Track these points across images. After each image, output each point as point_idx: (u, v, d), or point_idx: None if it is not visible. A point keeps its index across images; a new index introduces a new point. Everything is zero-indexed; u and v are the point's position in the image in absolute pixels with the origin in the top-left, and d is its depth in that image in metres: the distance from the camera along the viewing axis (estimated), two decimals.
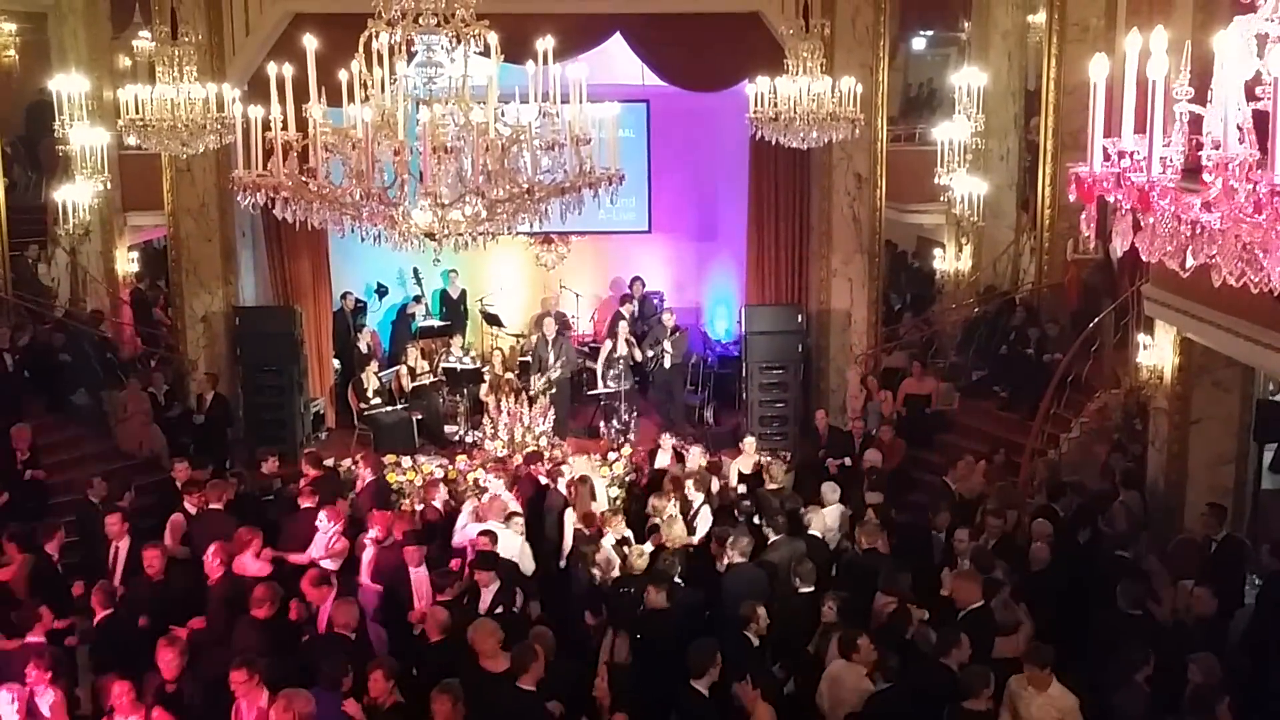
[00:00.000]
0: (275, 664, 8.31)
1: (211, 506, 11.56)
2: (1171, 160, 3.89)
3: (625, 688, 8.26)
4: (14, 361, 15.24)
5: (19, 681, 8.23)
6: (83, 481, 13.04)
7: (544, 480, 12.76)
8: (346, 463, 14.45)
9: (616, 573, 10.53)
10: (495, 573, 9.85)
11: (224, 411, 15.69)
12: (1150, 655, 8.39)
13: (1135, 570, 10.36)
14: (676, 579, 9.85)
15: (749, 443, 13.99)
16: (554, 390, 16.17)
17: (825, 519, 11.50)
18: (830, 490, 12.11)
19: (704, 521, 11.79)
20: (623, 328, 17.32)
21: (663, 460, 13.89)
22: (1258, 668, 9.06)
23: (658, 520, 11.36)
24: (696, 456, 13.49)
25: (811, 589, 9.71)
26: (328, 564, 10.50)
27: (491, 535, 10.67)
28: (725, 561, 10.37)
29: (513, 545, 10.93)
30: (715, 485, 12.87)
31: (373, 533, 10.83)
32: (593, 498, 12.38)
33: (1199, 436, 12.56)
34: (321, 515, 10.95)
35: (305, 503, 11.63)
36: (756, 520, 11.66)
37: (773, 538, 10.93)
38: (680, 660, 8.27)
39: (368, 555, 10.75)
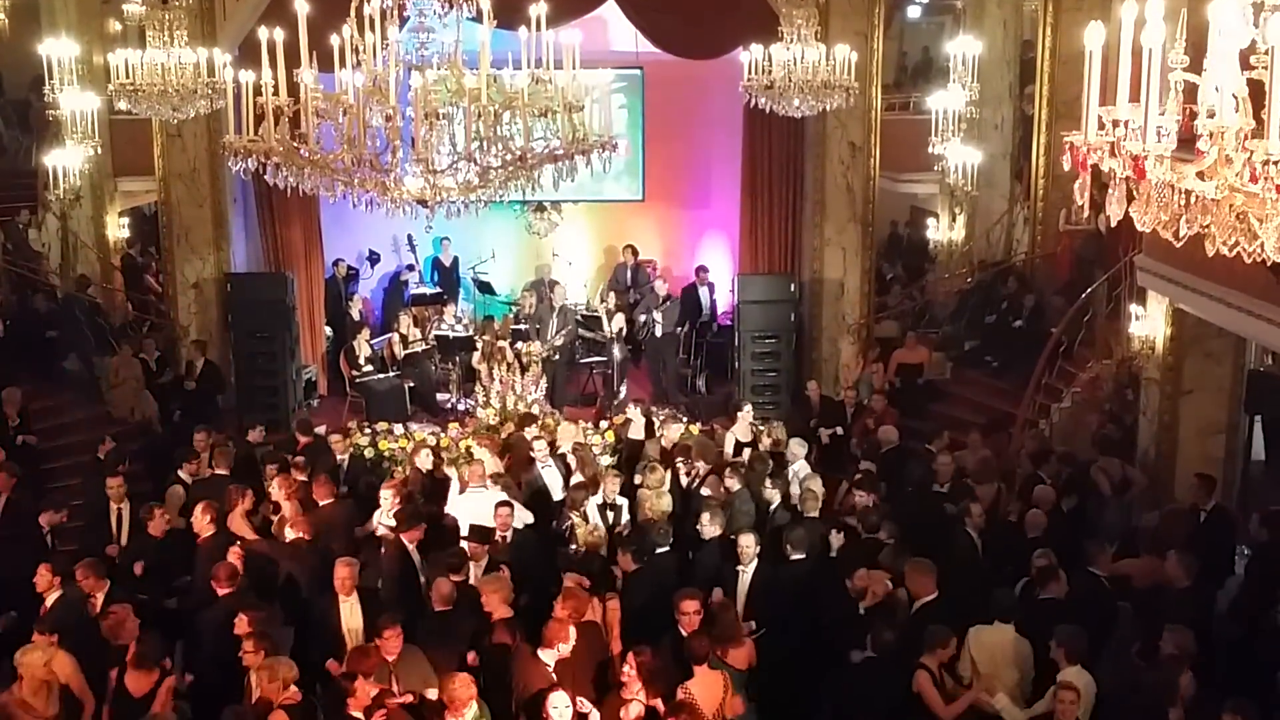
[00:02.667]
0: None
1: (217, 472, 11.60)
2: (1166, 129, 3.88)
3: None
4: (4, 327, 15.19)
5: None
6: (74, 446, 13.02)
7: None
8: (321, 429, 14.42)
9: (597, 538, 10.59)
10: (487, 547, 9.89)
11: (215, 379, 15.66)
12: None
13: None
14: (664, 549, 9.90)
15: (745, 411, 13.94)
16: (556, 357, 16.16)
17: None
18: (798, 445, 12.14)
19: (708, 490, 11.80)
20: (610, 298, 17.32)
21: (636, 432, 13.85)
22: (1244, 637, 9.12)
23: (646, 489, 11.37)
24: (671, 430, 13.46)
25: (803, 556, 9.73)
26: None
27: (510, 506, 10.68)
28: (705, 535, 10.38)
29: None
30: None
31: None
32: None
33: (1190, 407, 12.60)
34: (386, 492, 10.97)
35: (299, 476, 11.65)
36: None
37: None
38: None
39: None
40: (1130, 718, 7.89)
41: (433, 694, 7.87)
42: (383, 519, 10.71)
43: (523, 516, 10.89)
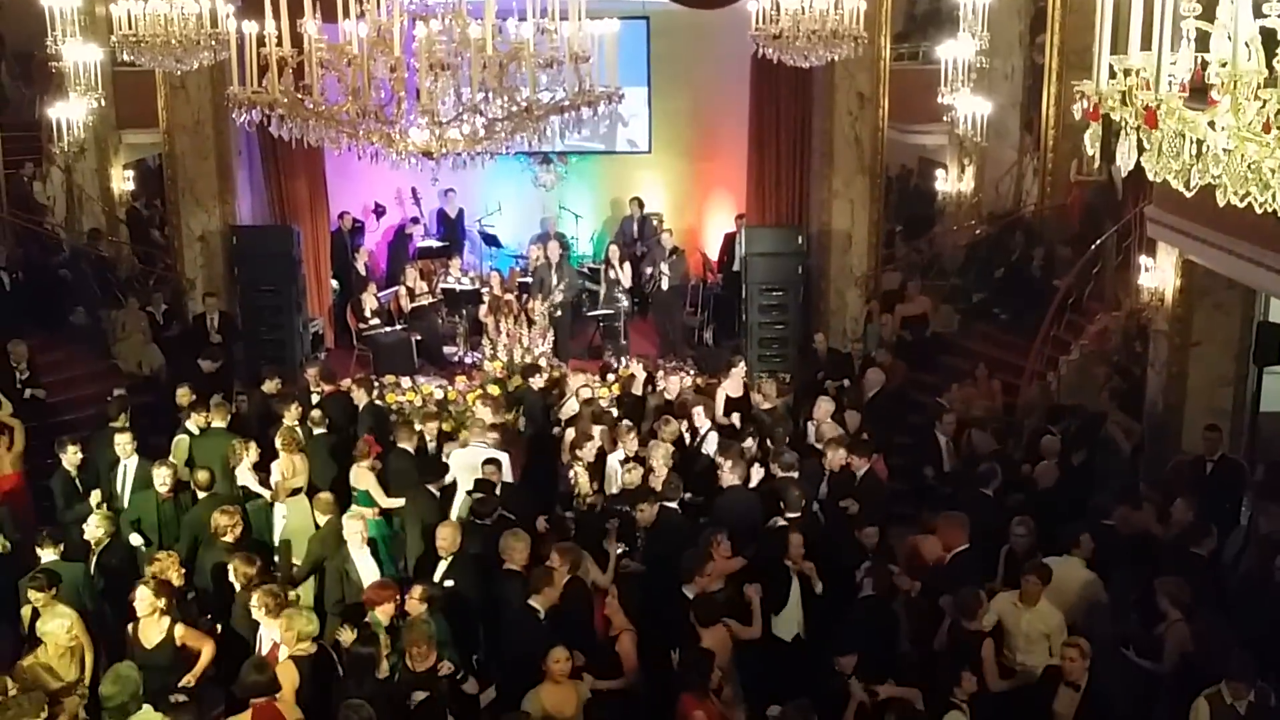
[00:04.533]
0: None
1: (214, 425, 11.63)
2: (1178, 78, 3.83)
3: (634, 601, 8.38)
4: (11, 280, 15.18)
5: None
6: (82, 400, 13.02)
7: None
8: (346, 382, 14.47)
9: (616, 489, 10.63)
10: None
11: (232, 331, 15.66)
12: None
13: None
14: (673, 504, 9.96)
15: (739, 368, 13.90)
16: (558, 313, 16.14)
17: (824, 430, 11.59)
18: (825, 403, 12.16)
19: (710, 444, 11.82)
20: (613, 251, 17.27)
21: (639, 388, 13.85)
22: (1247, 589, 9.16)
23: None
24: (675, 385, 13.45)
25: (797, 515, 9.74)
26: None
27: (496, 463, 10.73)
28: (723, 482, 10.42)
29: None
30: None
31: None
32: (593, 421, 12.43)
33: (1198, 359, 12.56)
34: None
35: (316, 430, 11.74)
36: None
37: (786, 457, 11.00)
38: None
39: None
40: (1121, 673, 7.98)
41: None
42: None
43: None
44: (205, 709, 7.33)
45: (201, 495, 10.23)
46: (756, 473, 10.66)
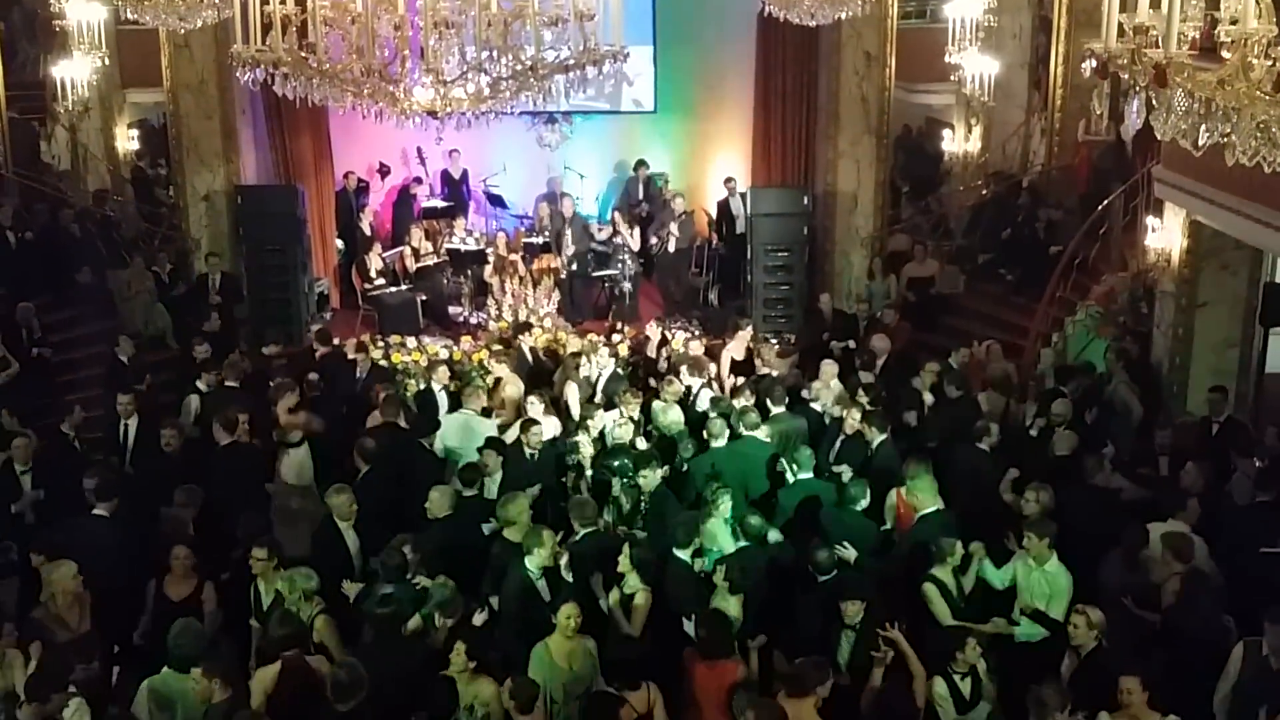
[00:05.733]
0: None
1: (227, 384, 11.67)
2: (1188, 36, 3.81)
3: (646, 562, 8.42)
4: (17, 239, 15.18)
5: None
6: (88, 359, 13.04)
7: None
8: (351, 342, 14.51)
9: (625, 432, 10.68)
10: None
11: (235, 291, 15.64)
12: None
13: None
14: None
15: (745, 331, 13.92)
16: (574, 266, 16.14)
17: (831, 393, 11.59)
18: (829, 367, 12.15)
19: (702, 404, 11.83)
20: (617, 215, 17.23)
21: (650, 349, 13.87)
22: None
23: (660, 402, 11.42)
24: (697, 346, 13.45)
25: (809, 475, 9.77)
26: None
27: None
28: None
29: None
30: (712, 370, 12.90)
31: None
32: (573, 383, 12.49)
33: (1205, 320, 12.55)
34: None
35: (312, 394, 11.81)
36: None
37: (775, 410, 11.01)
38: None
39: None
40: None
41: None
42: None
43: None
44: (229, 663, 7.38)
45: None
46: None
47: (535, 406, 11.25)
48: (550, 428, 10.98)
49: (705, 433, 10.34)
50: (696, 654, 7.47)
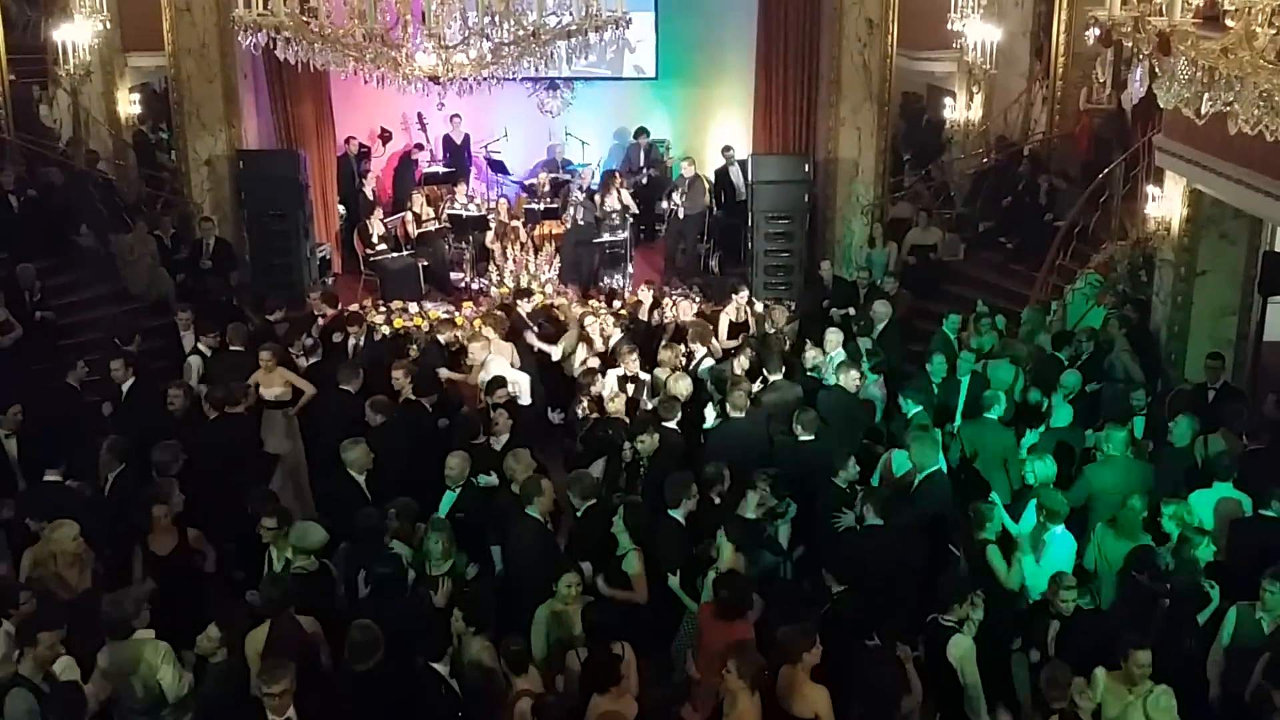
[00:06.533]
0: None
1: (232, 348, 11.70)
2: (1192, 4, 3.83)
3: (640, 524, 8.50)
4: (19, 203, 15.18)
5: None
6: (90, 322, 13.04)
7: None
8: (354, 307, 14.54)
9: (618, 405, 10.73)
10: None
11: (227, 256, 15.65)
12: None
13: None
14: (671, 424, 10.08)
15: (741, 294, 13.96)
16: (581, 223, 16.17)
17: (832, 361, 11.63)
18: (834, 334, 12.19)
19: (702, 372, 11.87)
20: (616, 179, 17.22)
21: (645, 313, 13.89)
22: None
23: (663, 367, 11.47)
24: (687, 308, 13.46)
25: (812, 437, 9.84)
26: None
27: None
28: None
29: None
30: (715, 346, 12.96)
31: None
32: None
33: (1203, 288, 12.59)
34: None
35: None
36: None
37: (772, 378, 11.07)
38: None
39: None
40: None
41: None
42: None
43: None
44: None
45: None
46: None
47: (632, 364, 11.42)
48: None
49: (728, 405, 10.34)
50: (713, 611, 7.53)
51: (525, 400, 11.36)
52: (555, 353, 12.62)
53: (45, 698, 6.62)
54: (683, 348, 11.89)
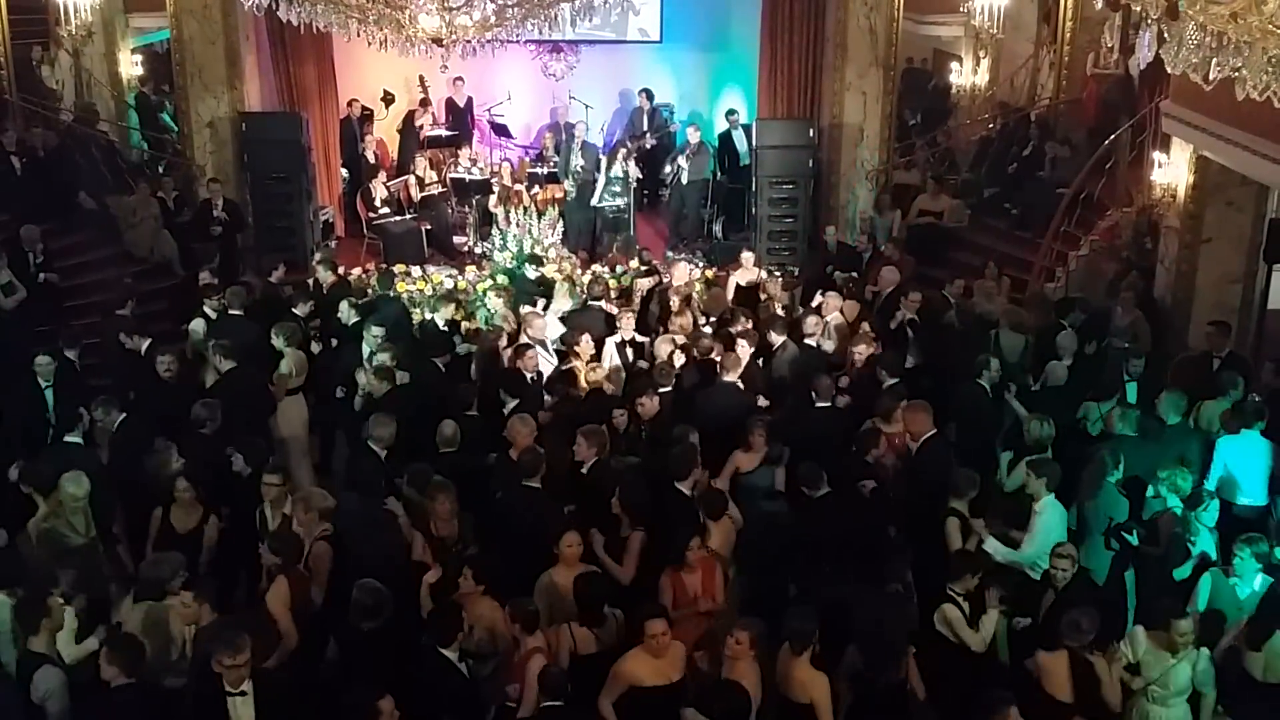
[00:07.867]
0: None
1: (231, 311, 11.69)
2: None
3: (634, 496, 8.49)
4: (22, 165, 15.13)
5: None
6: (93, 285, 13.02)
7: None
8: (356, 271, 14.52)
9: (597, 376, 10.74)
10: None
11: (237, 218, 15.61)
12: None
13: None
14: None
15: (747, 257, 13.97)
16: (575, 194, 16.12)
17: (829, 327, 11.63)
18: (833, 299, 12.19)
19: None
20: (621, 153, 17.17)
21: (642, 282, 13.86)
22: None
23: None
24: (681, 272, 13.44)
25: (829, 404, 9.87)
26: None
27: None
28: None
29: None
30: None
31: None
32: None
33: (1209, 255, 12.58)
34: None
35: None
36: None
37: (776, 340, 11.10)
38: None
39: None
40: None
41: None
42: None
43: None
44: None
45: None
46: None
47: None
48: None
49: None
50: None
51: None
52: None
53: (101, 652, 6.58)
54: (688, 316, 11.89)
